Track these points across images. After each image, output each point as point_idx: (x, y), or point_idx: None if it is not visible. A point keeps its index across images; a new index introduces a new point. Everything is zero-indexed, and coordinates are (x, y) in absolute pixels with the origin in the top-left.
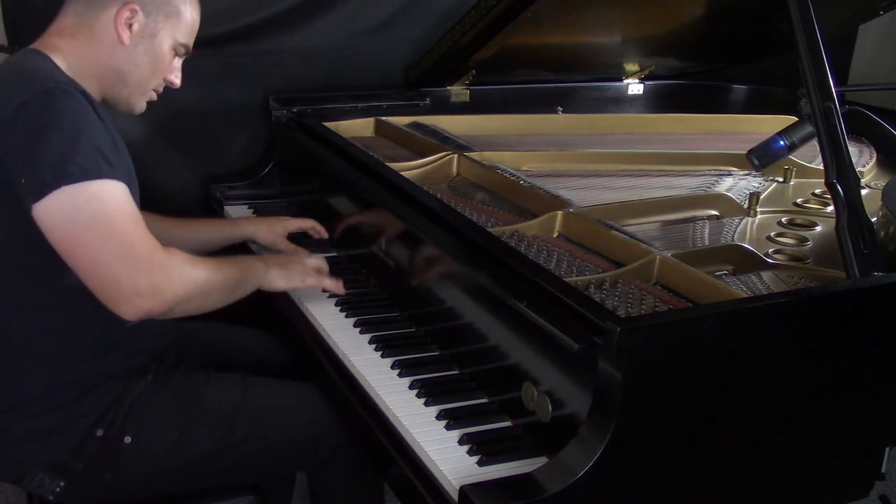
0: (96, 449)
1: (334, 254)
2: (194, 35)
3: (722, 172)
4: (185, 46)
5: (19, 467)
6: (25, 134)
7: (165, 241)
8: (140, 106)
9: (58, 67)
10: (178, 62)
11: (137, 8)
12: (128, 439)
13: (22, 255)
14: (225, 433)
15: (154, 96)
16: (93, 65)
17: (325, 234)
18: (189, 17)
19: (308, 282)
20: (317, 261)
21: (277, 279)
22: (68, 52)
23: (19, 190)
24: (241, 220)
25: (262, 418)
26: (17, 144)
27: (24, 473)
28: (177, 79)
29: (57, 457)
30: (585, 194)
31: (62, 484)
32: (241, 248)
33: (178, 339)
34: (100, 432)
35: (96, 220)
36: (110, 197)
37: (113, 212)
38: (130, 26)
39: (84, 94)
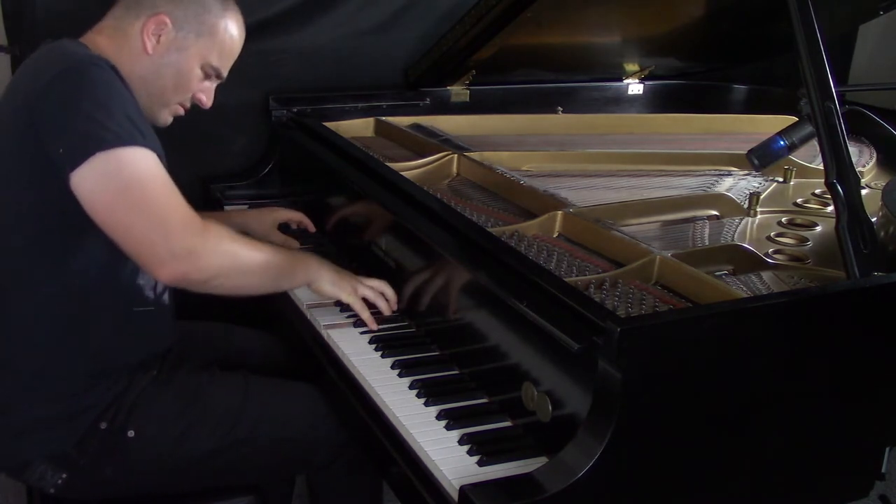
0: (99, 442)
1: (333, 249)
2: (231, 59)
3: (722, 172)
4: (217, 70)
5: (22, 458)
6: (59, 104)
7: None
8: (163, 118)
9: (91, 51)
10: (209, 84)
11: (168, 21)
12: (131, 433)
13: (43, 244)
14: (226, 432)
15: (180, 111)
16: (122, 68)
17: (311, 228)
18: (225, 39)
19: (353, 299)
20: (378, 283)
21: (326, 282)
22: (105, 49)
23: (57, 160)
24: (231, 213)
25: (263, 418)
26: (52, 114)
27: (26, 465)
28: (207, 100)
29: (60, 448)
30: (585, 194)
31: (64, 476)
32: None
33: (180, 339)
34: (104, 425)
35: (130, 185)
36: (143, 163)
37: (146, 177)
38: (158, 37)
39: (116, 70)
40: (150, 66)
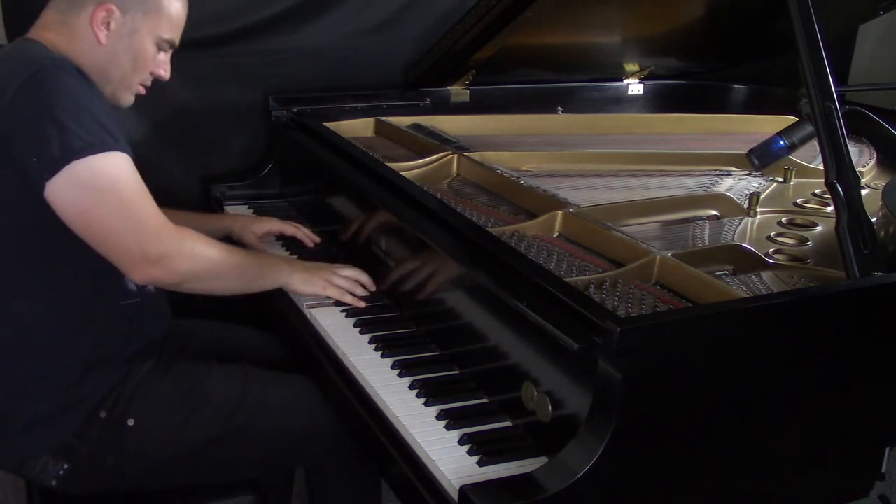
0: (99, 431)
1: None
2: (180, 28)
3: (722, 172)
4: (170, 42)
5: (24, 452)
6: (29, 115)
7: None
8: (126, 100)
9: (50, 50)
10: (164, 56)
11: (114, 7)
12: (131, 422)
13: (29, 241)
14: (226, 420)
15: (142, 90)
16: (76, 61)
17: (308, 243)
18: (171, 11)
19: (329, 291)
20: (352, 271)
21: (298, 282)
22: (56, 43)
23: (31, 171)
24: (224, 216)
25: (262, 408)
26: (23, 126)
27: (28, 458)
28: (165, 73)
29: (61, 439)
30: (585, 194)
31: (66, 467)
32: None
33: (177, 337)
34: (103, 414)
35: (106, 192)
36: (117, 169)
37: (121, 183)
38: (108, 25)
39: (79, 70)
40: (105, 55)
